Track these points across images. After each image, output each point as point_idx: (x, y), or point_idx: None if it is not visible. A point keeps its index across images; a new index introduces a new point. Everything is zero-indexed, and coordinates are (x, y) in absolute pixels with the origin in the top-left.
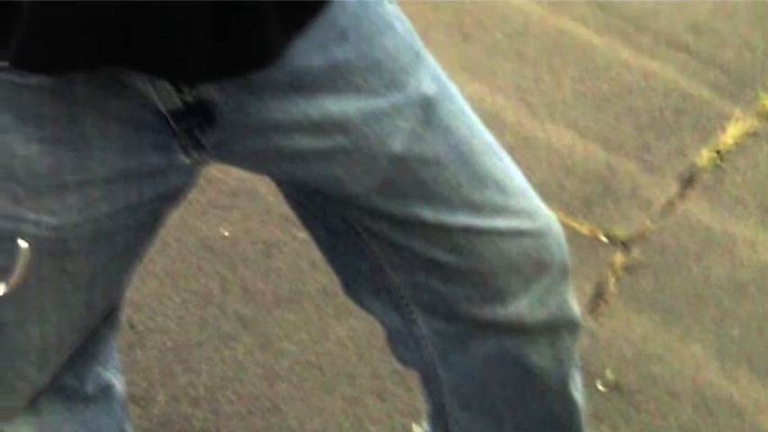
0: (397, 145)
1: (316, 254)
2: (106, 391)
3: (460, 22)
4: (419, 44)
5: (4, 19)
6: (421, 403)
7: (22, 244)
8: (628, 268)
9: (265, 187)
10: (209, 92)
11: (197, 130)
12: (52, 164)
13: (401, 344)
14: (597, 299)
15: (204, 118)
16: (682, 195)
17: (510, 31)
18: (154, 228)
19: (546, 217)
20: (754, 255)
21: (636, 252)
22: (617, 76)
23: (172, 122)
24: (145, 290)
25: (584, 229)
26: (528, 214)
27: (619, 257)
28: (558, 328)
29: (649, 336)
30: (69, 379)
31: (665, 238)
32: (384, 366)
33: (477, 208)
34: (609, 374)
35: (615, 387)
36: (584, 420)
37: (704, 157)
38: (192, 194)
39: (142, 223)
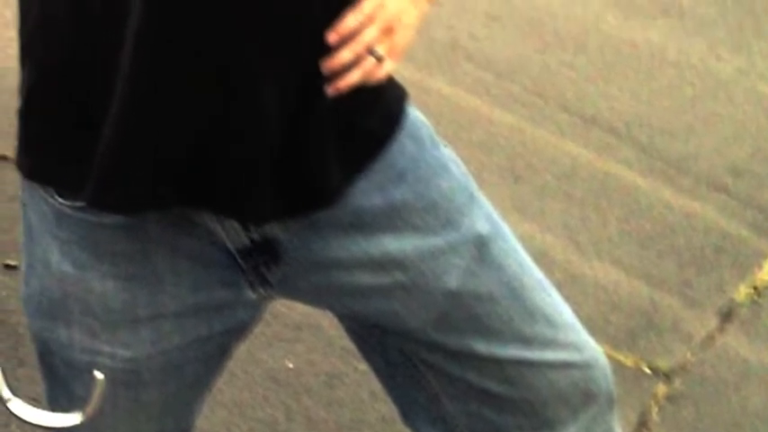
0: (453, 281)
1: (375, 384)
2: None
3: (512, 164)
4: (473, 185)
5: (79, 162)
6: None
7: (98, 375)
8: (670, 398)
9: (327, 321)
10: (275, 230)
11: (263, 266)
12: (127, 299)
13: None
14: (641, 428)
15: (270, 255)
16: (721, 329)
17: (559, 174)
18: (222, 359)
19: (593, 350)
20: None
21: (677, 383)
22: (660, 216)
23: (239, 259)
24: (214, 419)
25: (628, 361)
26: (576, 347)
27: (661, 388)
28: None
29: None
30: None
31: (706, 369)
32: None
33: (527, 341)
34: None
35: None
36: None
37: (742, 292)
38: (258, 328)
39: (211, 355)
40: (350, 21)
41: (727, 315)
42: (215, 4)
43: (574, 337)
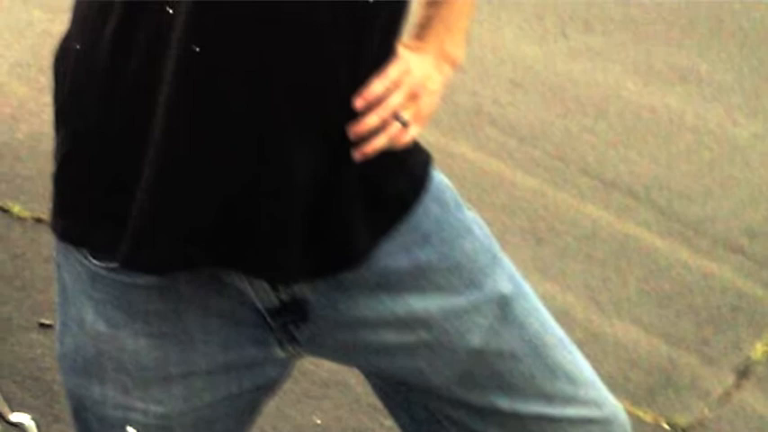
0: (476, 340)
1: None
2: None
3: (534, 226)
4: (496, 247)
5: (113, 225)
6: None
7: (131, 431)
8: None
9: (355, 378)
10: (303, 290)
11: (292, 325)
12: (159, 357)
13: None
14: None
15: (298, 314)
16: (738, 386)
17: (580, 235)
18: (251, 415)
19: (613, 406)
20: None
21: None
22: (678, 276)
23: (268, 318)
24: None
25: (648, 417)
26: (596, 404)
27: None
28: None
29: None
30: None
31: (723, 425)
32: None
33: (549, 398)
34: None
35: None
36: None
37: (758, 350)
38: (287, 384)
39: (241, 411)
40: (376, 87)
41: (743, 372)
42: (245, 75)
43: (594, 394)
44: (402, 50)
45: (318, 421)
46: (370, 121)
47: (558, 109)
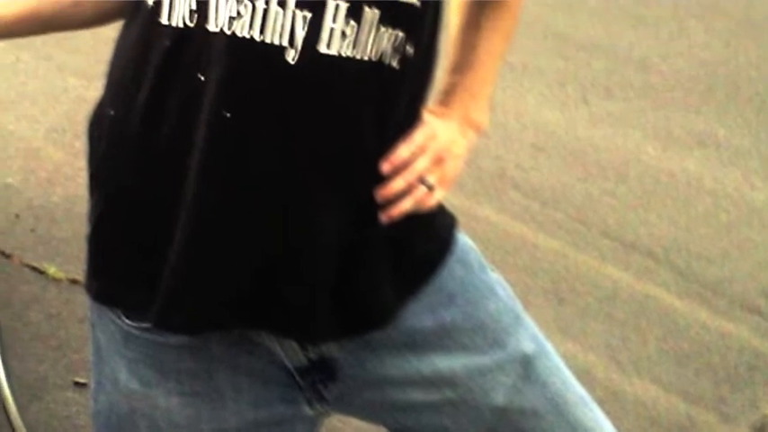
0: (500, 398)
1: None
2: None
3: (556, 287)
4: (519, 307)
5: (145, 286)
6: None
7: None
8: None
9: None
10: (331, 350)
11: (320, 384)
12: (191, 415)
13: None
14: None
15: (327, 373)
16: None
17: (600, 296)
18: None
19: None
20: None
21: None
22: (696, 336)
23: (297, 377)
24: None
25: None
26: None
27: None
28: None
29: None
30: None
31: None
32: None
33: None
34: None
35: None
36: None
37: None
38: None
39: None
40: (403, 151)
41: (760, 429)
42: (274, 140)
43: None
44: (427, 116)
45: None
46: (397, 184)
47: (579, 173)
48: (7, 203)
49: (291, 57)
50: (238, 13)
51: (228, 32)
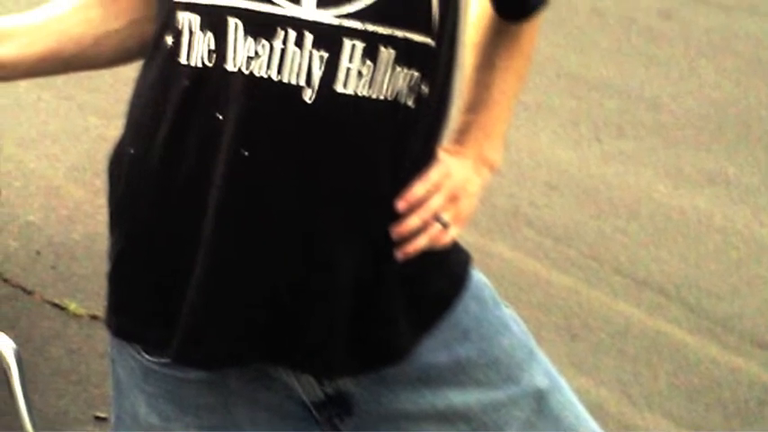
0: None
1: None
2: None
3: (569, 323)
4: (532, 342)
5: (165, 322)
6: None
7: None
8: None
9: None
10: (347, 384)
11: (336, 418)
12: None
13: None
14: None
15: (343, 408)
16: None
17: (612, 332)
18: None
19: None
20: None
21: None
22: (707, 371)
23: (314, 411)
24: None
25: None
26: None
27: None
28: None
29: None
30: None
31: None
32: None
33: None
34: None
35: None
36: None
37: None
38: None
39: None
40: (418, 189)
41: None
42: (291, 178)
43: None
44: (442, 154)
45: None
46: (412, 222)
47: (591, 210)
48: (28, 241)
49: (308, 96)
50: (256, 53)
51: (246, 72)
